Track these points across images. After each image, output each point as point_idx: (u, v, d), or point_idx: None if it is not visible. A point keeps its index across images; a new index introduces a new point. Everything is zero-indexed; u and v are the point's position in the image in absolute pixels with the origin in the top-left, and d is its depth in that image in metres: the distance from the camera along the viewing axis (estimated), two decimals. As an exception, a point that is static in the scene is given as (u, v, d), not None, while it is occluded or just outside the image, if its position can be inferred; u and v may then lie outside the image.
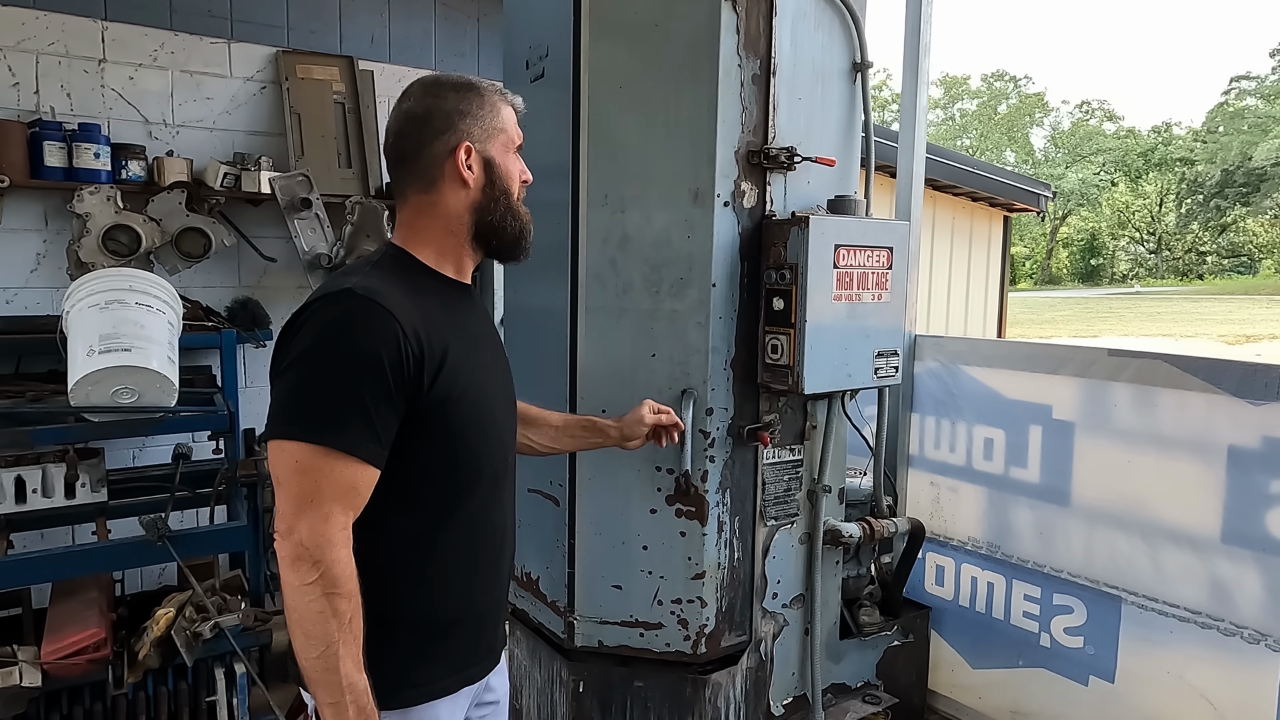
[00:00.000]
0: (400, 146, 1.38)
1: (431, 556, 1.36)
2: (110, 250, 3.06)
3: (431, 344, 1.27)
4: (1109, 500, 2.41)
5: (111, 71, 3.27)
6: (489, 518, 1.44)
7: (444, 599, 1.39)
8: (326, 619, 1.16)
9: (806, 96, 2.22)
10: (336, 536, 1.18)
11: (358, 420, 1.19)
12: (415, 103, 1.38)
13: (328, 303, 1.23)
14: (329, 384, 1.19)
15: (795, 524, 2.36)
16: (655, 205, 2.08)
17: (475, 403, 1.37)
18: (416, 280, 1.36)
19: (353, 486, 1.20)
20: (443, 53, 4.00)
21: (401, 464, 1.27)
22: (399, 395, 1.23)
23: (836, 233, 2.11)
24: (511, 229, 1.44)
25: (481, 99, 1.39)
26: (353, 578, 1.19)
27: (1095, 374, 2.42)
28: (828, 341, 2.13)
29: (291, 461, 1.17)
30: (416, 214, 1.39)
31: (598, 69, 2.08)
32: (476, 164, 1.37)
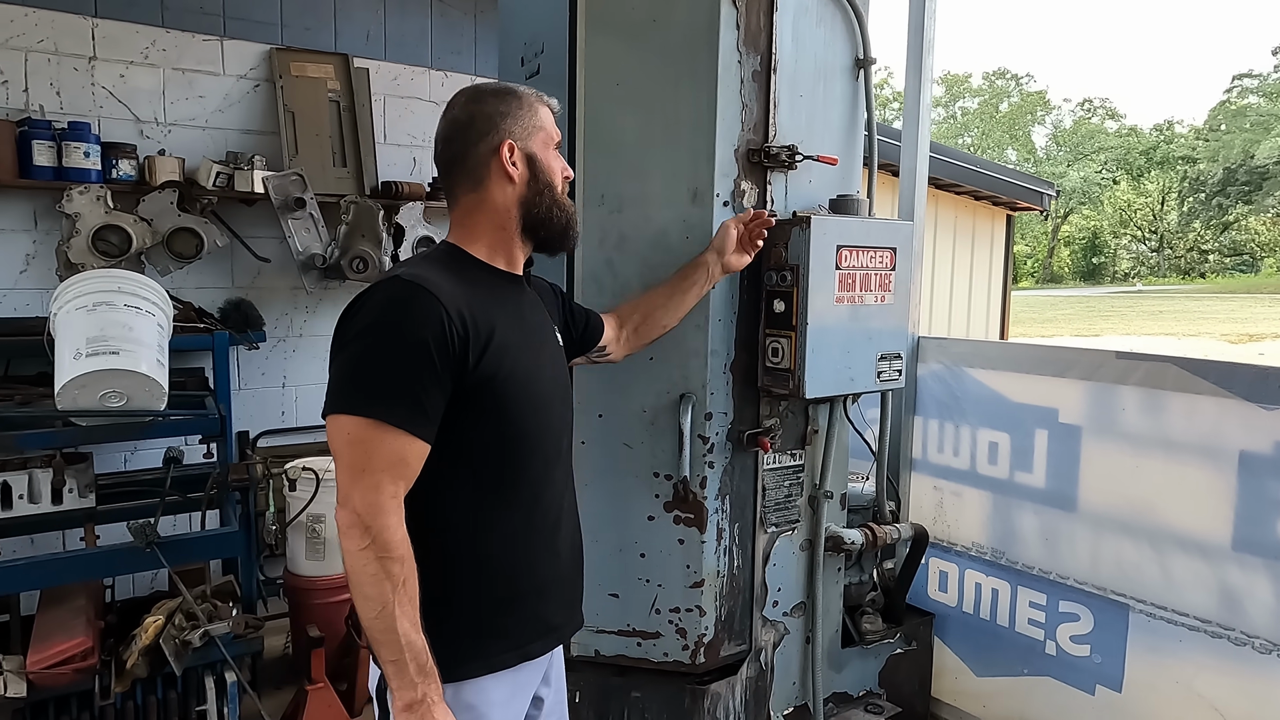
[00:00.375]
0: (449, 151, 1.48)
1: (486, 532, 1.42)
2: (100, 251, 3.02)
3: (478, 325, 1.35)
4: (1116, 506, 2.36)
5: (102, 69, 3.22)
6: (543, 497, 1.49)
7: (500, 574, 1.44)
8: (380, 581, 1.24)
9: (808, 94, 2.18)
10: (387, 504, 1.26)
11: (405, 396, 1.28)
12: (459, 110, 1.48)
13: (379, 289, 1.34)
14: (378, 362, 1.29)
15: (796, 530, 2.31)
16: (653, 205, 2.03)
17: (524, 383, 1.43)
18: (467, 271, 1.45)
19: (401, 458, 1.28)
20: (439, 50, 3.95)
21: (453, 441, 1.35)
22: (445, 372, 1.31)
23: (839, 233, 2.06)
24: (558, 220, 1.52)
25: (520, 101, 1.49)
26: (403, 543, 1.27)
27: (1102, 377, 2.37)
28: (830, 344, 2.08)
29: (345, 434, 1.27)
30: (467, 213, 1.49)
31: (594, 66, 2.03)
32: (520, 160, 1.46)
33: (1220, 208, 43.06)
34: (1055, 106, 55.82)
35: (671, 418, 2.05)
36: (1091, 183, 47.25)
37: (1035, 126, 54.36)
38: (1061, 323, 24.02)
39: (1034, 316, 26.00)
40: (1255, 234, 44.30)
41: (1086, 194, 47.18)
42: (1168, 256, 48.40)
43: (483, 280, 1.46)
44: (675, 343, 2.06)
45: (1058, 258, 50.94)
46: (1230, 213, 43.14)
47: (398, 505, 1.28)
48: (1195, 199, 44.80)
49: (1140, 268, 49.11)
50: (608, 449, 2.09)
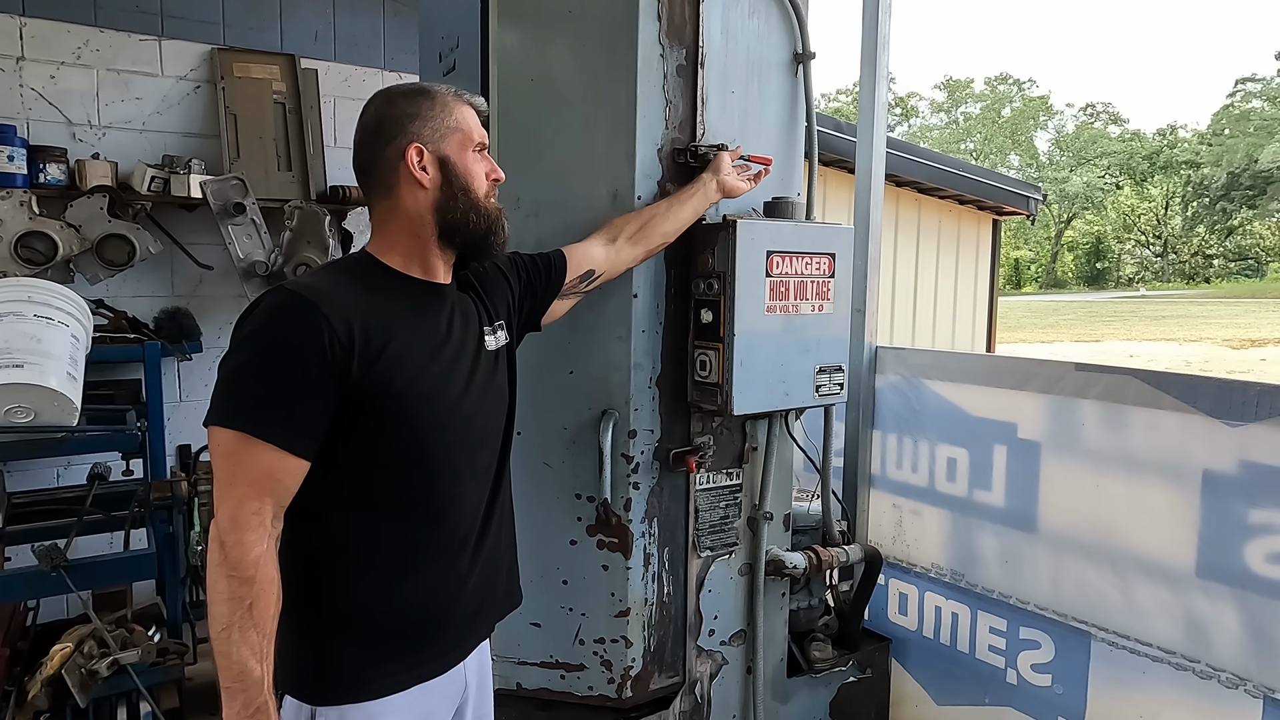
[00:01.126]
0: (360, 158, 1.42)
1: (376, 552, 1.35)
2: (24, 259, 2.90)
3: (369, 335, 1.29)
4: (1077, 527, 2.22)
5: (31, 70, 3.11)
6: (450, 515, 1.41)
7: (394, 595, 1.36)
8: (226, 600, 1.19)
9: (741, 90, 2.04)
10: (246, 520, 1.21)
11: (278, 408, 1.23)
12: (370, 115, 1.42)
13: (263, 299, 1.29)
14: (252, 374, 1.24)
15: (734, 554, 2.17)
16: (572, 209, 1.89)
17: (426, 396, 1.36)
18: (374, 281, 1.39)
19: (269, 473, 1.23)
20: (392, 50, 3.83)
21: (343, 456, 1.30)
22: (324, 385, 1.25)
23: (769, 238, 1.92)
24: (476, 225, 1.44)
25: (432, 101, 1.42)
26: (257, 563, 1.20)
27: (1062, 390, 2.23)
28: (761, 357, 1.94)
29: (217, 446, 1.23)
30: (383, 221, 1.43)
31: (507, 60, 1.91)
32: (431, 164, 1.39)
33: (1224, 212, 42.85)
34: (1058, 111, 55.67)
35: (593, 436, 1.91)
36: (1095, 188, 47.07)
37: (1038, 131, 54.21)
38: (1063, 328, 23.85)
39: (1036, 321, 25.84)
40: (1260, 239, 44.06)
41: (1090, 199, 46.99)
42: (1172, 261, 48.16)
43: (390, 290, 1.39)
44: (595, 355, 1.92)
45: (1061, 263, 50.73)
46: (1234, 217, 42.92)
47: (260, 523, 1.22)
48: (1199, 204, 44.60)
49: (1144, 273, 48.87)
50: (527, 469, 1.95)
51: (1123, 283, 48.11)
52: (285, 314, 1.25)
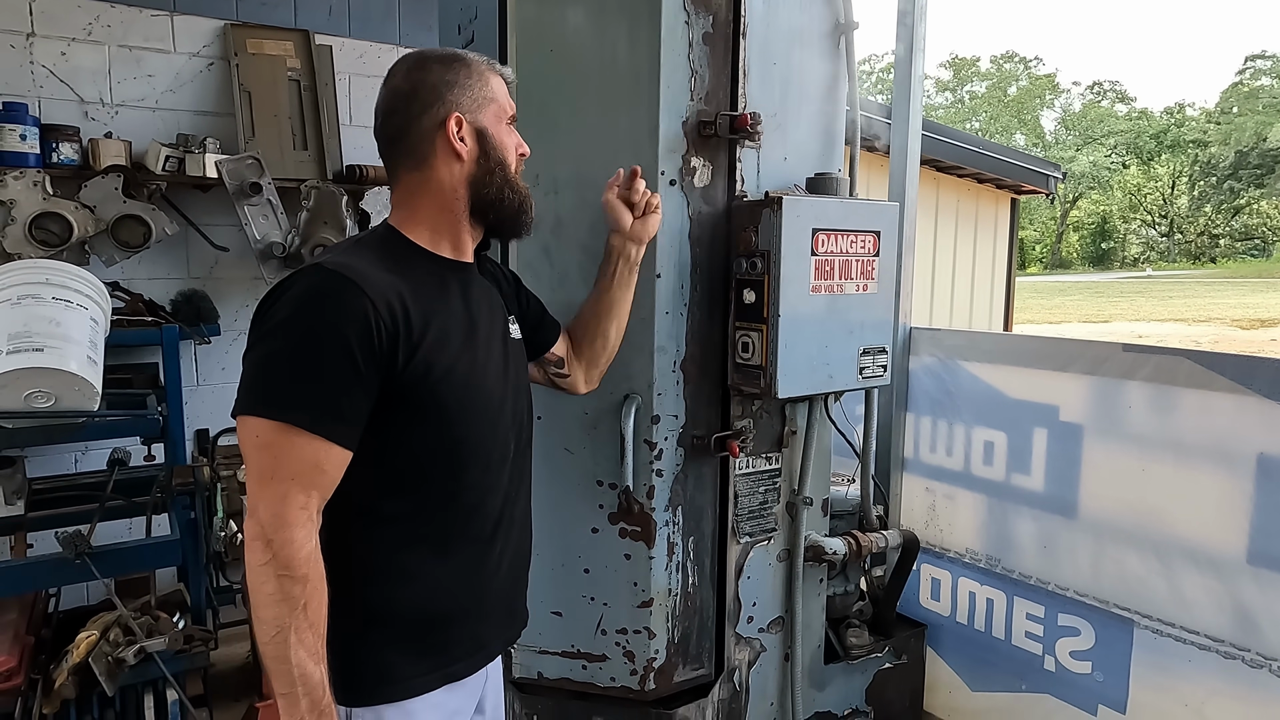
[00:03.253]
0: (389, 126, 1.35)
1: (417, 545, 1.31)
2: (39, 240, 2.84)
3: (410, 319, 1.23)
4: (1120, 513, 2.17)
5: (41, 47, 3.03)
6: (484, 506, 1.37)
7: (431, 590, 1.32)
8: (277, 602, 1.13)
9: (782, 61, 1.97)
10: (294, 516, 1.14)
11: (321, 396, 1.16)
12: (401, 79, 1.34)
13: (298, 279, 1.21)
14: (292, 359, 1.17)
15: (773, 540, 2.13)
16: (592, 185, 1.82)
17: (464, 382, 1.31)
18: (404, 258, 1.32)
19: (315, 465, 1.16)
20: (407, 26, 3.74)
21: (380, 446, 1.24)
22: (370, 371, 1.19)
23: (814, 215, 1.86)
24: (510, 202, 1.38)
25: (469, 69, 1.35)
26: (309, 561, 1.15)
27: (1108, 372, 2.17)
28: (805, 338, 1.89)
29: (253, 437, 1.15)
30: (409, 193, 1.36)
31: (525, 31, 1.84)
32: (469, 135, 1.33)
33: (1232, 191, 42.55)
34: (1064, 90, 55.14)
35: (615, 421, 1.86)
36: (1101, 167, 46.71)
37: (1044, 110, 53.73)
38: (1070, 309, 23.73)
39: (1042, 303, 25.70)
40: (1267, 218, 43.74)
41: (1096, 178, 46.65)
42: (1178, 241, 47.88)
43: (422, 268, 1.33)
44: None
45: (1066, 243, 50.46)
46: (1242, 196, 42.61)
47: (307, 518, 1.16)
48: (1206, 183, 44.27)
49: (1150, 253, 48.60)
50: (547, 455, 1.90)
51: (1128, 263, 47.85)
52: (326, 296, 1.18)
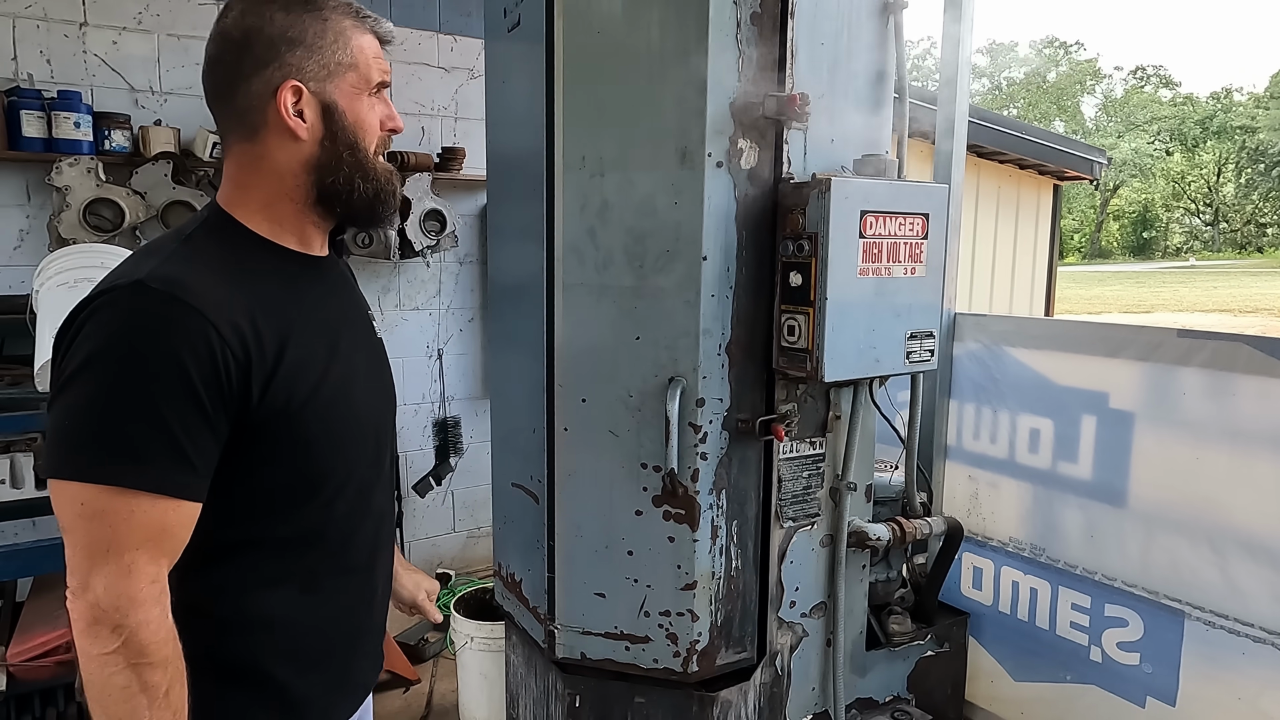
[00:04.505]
0: (214, 80, 1.09)
1: (277, 587, 1.12)
2: (92, 225, 2.91)
3: (262, 342, 1.02)
4: (1172, 501, 2.13)
5: (93, 36, 3.09)
6: (358, 533, 1.20)
7: (295, 634, 1.15)
8: (132, 695, 0.94)
9: (830, 41, 1.95)
10: (144, 592, 0.94)
11: (162, 448, 0.95)
12: (232, 22, 1.07)
13: (111, 300, 0.96)
14: (119, 405, 0.93)
15: (816, 525, 2.12)
16: (638, 167, 1.82)
17: (330, 403, 1.12)
18: (243, 255, 1.09)
19: (163, 529, 0.96)
20: (447, 13, 3.75)
21: (233, 488, 1.04)
22: (218, 412, 0.98)
23: (863, 197, 1.84)
24: (362, 193, 1.14)
25: (322, 23, 1.08)
26: (167, 642, 0.97)
27: (1161, 358, 2.13)
28: (853, 322, 1.87)
29: (77, 506, 0.93)
30: (240, 169, 1.12)
31: (572, 11, 1.83)
32: (311, 109, 1.08)
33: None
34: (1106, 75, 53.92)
35: (659, 403, 1.86)
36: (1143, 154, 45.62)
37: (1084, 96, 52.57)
38: (1110, 300, 23.27)
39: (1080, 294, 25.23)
40: (1317, 206, 42.44)
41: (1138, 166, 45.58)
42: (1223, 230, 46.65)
43: (265, 264, 1.11)
44: (662, 320, 1.86)
45: (1106, 232, 49.41)
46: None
47: (160, 590, 0.97)
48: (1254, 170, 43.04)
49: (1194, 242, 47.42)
50: (591, 437, 1.91)
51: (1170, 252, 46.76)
52: (154, 321, 0.94)
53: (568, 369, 1.92)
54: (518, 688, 2.36)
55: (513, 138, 2.11)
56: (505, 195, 2.19)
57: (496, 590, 2.43)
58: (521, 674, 2.33)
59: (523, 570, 2.19)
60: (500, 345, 2.31)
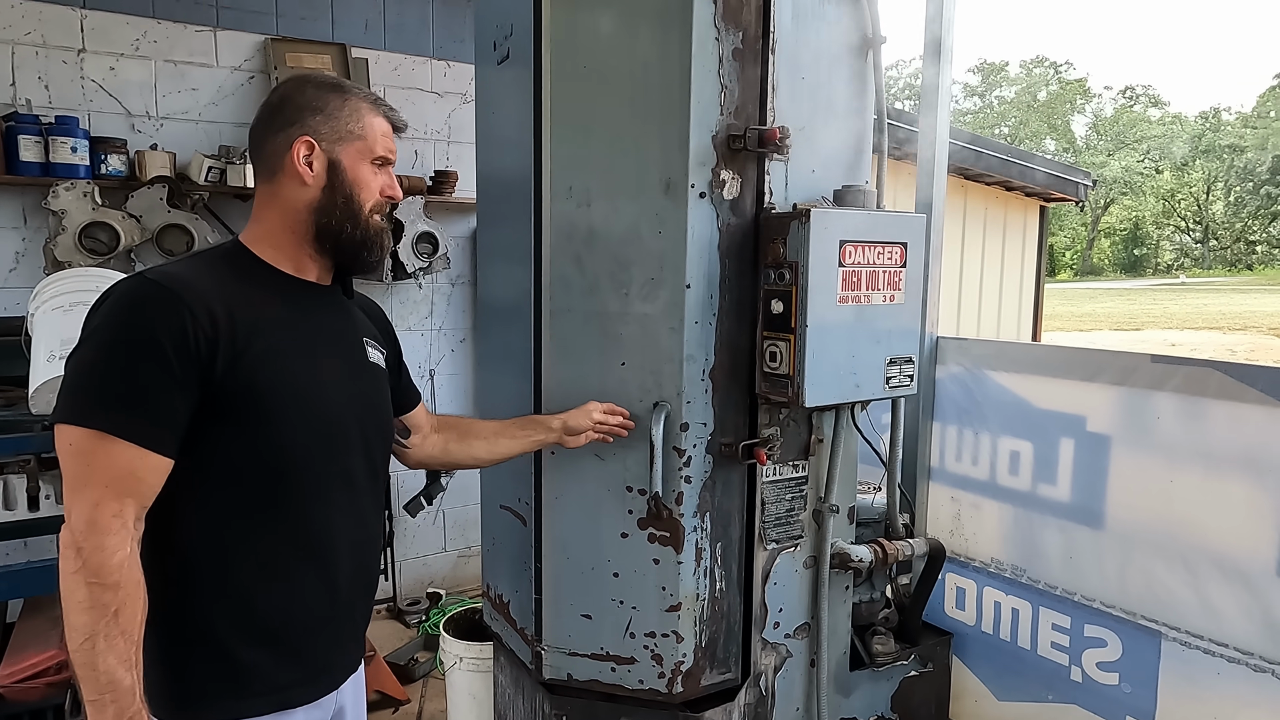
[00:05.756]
0: (253, 133, 1.40)
1: (239, 557, 1.28)
2: (88, 249, 2.94)
3: (235, 324, 1.24)
4: (1148, 523, 2.17)
5: (91, 62, 3.15)
6: (313, 520, 1.34)
7: (254, 606, 1.30)
8: (86, 609, 1.12)
9: (810, 75, 2.01)
10: (106, 523, 1.13)
11: (135, 403, 1.16)
12: (275, 94, 1.39)
13: (118, 286, 1.23)
14: (106, 365, 1.17)
15: (799, 547, 2.16)
16: (623, 196, 1.87)
17: (294, 396, 1.30)
18: (240, 271, 1.34)
19: (129, 473, 1.16)
20: (441, 39, 3.82)
21: (202, 453, 1.24)
22: (188, 375, 1.19)
23: (842, 227, 1.89)
24: (351, 238, 1.38)
25: (344, 101, 1.37)
26: (121, 568, 1.14)
27: (1136, 382, 2.18)
28: (833, 348, 1.92)
29: (66, 445, 1.16)
30: (260, 204, 1.39)
31: (560, 46, 1.89)
32: (318, 162, 1.35)
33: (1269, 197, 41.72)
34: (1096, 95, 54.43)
35: (644, 427, 1.90)
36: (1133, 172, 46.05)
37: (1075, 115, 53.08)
38: (1101, 317, 23.41)
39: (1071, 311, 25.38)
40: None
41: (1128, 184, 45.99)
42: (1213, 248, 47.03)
43: (259, 280, 1.34)
44: (648, 346, 1.91)
45: (1097, 249, 49.77)
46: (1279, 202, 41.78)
47: (121, 525, 1.14)
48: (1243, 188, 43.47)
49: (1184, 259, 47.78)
50: (578, 460, 1.95)
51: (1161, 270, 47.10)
52: (142, 302, 1.19)
53: (555, 393, 1.96)
54: (506, 708, 2.38)
55: (502, 166, 2.16)
56: (495, 221, 2.24)
57: (485, 611, 2.45)
58: (509, 694, 2.35)
59: (510, 592, 2.22)
60: (489, 366, 2.35)
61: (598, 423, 1.87)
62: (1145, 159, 47.11)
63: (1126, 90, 54.61)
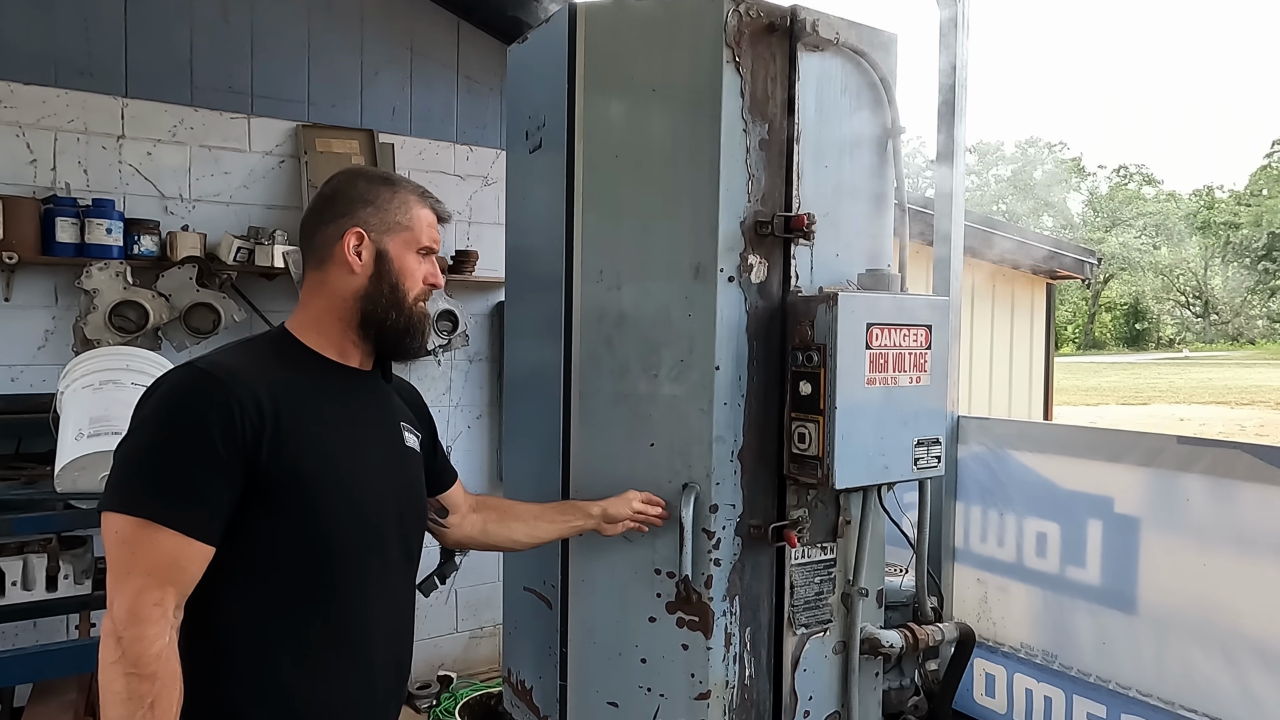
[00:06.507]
0: (305, 223, 1.46)
1: (276, 644, 1.28)
2: (117, 327, 2.99)
3: (279, 412, 1.26)
4: (1182, 607, 2.13)
5: (130, 147, 3.26)
6: (353, 612, 1.35)
7: (290, 694, 1.29)
8: (123, 701, 1.11)
9: (834, 164, 2.07)
10: (147, 612, 1.14)
11: (181, 493, 1.18)
12: (330, 186, 1.45)
13: (169, 376, 1.28)
14: (152, 455, 1.20)
15: (829, 632, 2.12)
16: (653, 280, 1.92)
17: (338, 484, 1.32)
18: (285, 358, 1.37)
19: (173, 561, 1.17)
20: (464, 124, 3.96)
21: (242, 540, 1.24)
22: (233, 464, 1.21)
23: (868, 310, 1.93)
24: (395, 324, 1.43)
25: (393, 194, 1.43)
26: (159, 659, 1.14)
27: (1163, 464, 2.17)
28: (861, 429, 1.92)
29: (112, 533, 1.17)
30: (308, 291, 1.43)
31: (593, 137, 1.96)
32: (367, 252, 1.39)
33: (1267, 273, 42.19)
34: (1090, 173, 55.64)
35: (673, 508, 1.90)
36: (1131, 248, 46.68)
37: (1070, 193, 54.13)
38: (1107, 391, 23.40)
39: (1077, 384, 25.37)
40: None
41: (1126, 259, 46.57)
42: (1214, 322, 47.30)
43: (303, 367, 1.38)
44: (676, 427, 1.92)
45: (1099, 323, 50.06)
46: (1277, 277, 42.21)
47: (161, 615, 1.15)
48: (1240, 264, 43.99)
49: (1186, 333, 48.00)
50: (606, 543, 1.94)
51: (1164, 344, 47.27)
52: (190, 392, 1.23)
53: (583, 473, 1.96)
54: (526, 801, 2.30)
55: (532, 250, 2.21)
56: (523, 301, 2.28)
57: (505, 697, 2.39)
58: (530, 786, 2.27)
59: (534, 677, 2.17)
60: (516, 442, 2.35)
61: (636, 512, 1.87)
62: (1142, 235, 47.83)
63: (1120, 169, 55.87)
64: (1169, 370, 30.40)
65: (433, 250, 1.48)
